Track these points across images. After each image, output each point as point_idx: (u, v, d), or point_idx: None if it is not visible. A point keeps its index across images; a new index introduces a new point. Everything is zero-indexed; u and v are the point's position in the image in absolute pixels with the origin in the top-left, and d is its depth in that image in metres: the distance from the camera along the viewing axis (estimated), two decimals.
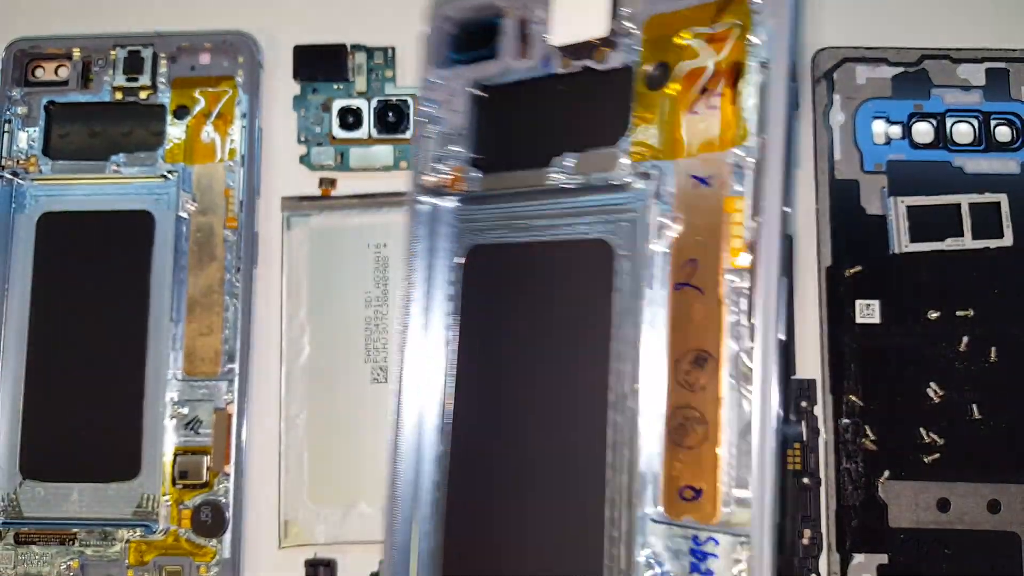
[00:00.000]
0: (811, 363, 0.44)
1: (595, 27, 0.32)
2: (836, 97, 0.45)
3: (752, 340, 0.28)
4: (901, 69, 0.45)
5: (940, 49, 0.45)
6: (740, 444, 0.28)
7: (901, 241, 0.44)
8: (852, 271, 0.44)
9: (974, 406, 0.43)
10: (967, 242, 0.44)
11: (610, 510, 0.30)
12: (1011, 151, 0.45)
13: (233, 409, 0.41)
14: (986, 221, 0.44)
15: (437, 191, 0.38)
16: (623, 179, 0.32)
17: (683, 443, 0.29)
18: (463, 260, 0.37)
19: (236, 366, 0.42)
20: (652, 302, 0.30)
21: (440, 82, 0.37)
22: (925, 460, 0.43)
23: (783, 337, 0.28)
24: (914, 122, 0.45)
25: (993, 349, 0.43)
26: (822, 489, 0.43)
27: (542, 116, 0.35)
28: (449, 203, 0.38)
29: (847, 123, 0.45)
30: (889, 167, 0.45)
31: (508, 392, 0.35)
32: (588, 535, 0.30)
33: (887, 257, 0.44)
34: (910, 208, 0.44)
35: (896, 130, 0.45)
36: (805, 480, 0.43)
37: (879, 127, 0.45)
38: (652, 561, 0.29)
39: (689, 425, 0.29)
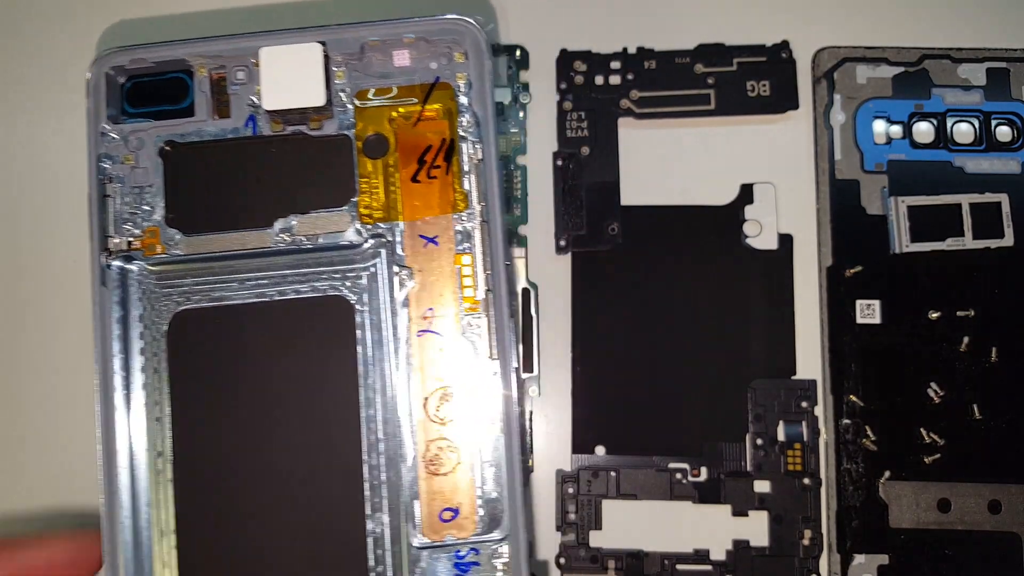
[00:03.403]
0: (811, 363, 0.44)
1: (310, 96, 0.33)
2: (837, 97, 0.45)
3: (491, 373, 0.33)
4: (902, 69, 0.45)
5: (941, 49, 0.45)
6: (488, 462, 0.33)
7: (902, 241, 0.44)
8: (852, 271, 0.44)
9: (975, 406, 0.43)
10: (968, 242, 0.44)
11: (373, 548, 0.32)
12: (1012, 151, 0.45)
13: None
14: (987, 221, 0.44)
15: (127, 254, 0.34)
16: (354, 239, 0.34)
17: (439, 472, 0.32)
18: (166, 328, 0.34)
19: None
20: (396, 351, 0.33)
21: (116, 137, 0.34)
22: (926, 460, 0.43)
23: (517, 365, 0.33)
24: (915, 122, 0.45)
25: (994, 349, 0.43)
26: (822, 490, 0.43)
27: (254, 177, 0.34)
28: (144, 267, 0.35)
29: (847, 123, 0.45)
30: (890, 167, 0.45)
31: (249, 462, 0.34)
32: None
33: (888, 257, 0.44)
34: (911, 208, 0.44)
35: (897, 130, 0.45)
36: (805, 481, 0.43)
37: (880, 127, 0.45)
38: None
39: (443, 454, 0.32)
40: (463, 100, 0.34)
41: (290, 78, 0.33)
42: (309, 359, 0.33)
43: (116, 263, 0.34)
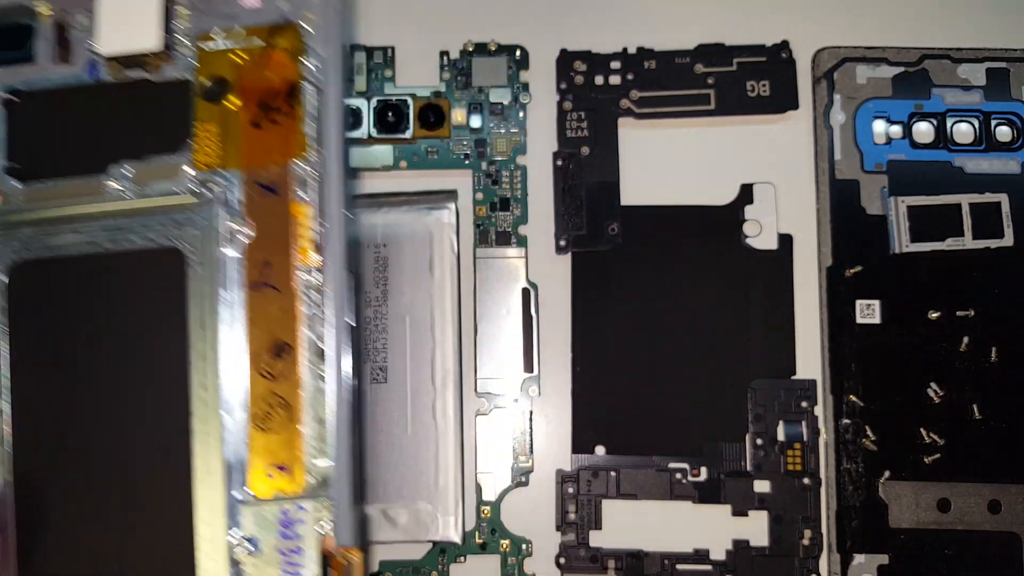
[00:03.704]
0: (811, 363, 0.44)
1: (146, 40, 0.32)
2: (836, 97, 0.45)
3: (325, 330, 0.32)
4: (901, 69, 0.45)
5: (940, 49, 0.45)
6: (320, 420, 0.32)
7: (901, 241, 0.44)
8: (852, 271, 0.44)
9: (974, 406, 0.43)
10: (967, 242, 0.44)
11: (196, 503, 0.32)
12: (1011, 151, 0.45)
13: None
14: (987, 221, 0.44)
15: None
16: (189, 188, 0.33)
17: (268, 428, 0.32)
18: (6, 278, 0.34)
19: None
20: (229, 304, 0.32)
21: None
22: (925, 460, 0.43)
23: (353, 323, 0.32)
24: (914, 122, 0.45)
25: (993, 349, 0.43)
26: (822, 489, 0.43)
27: (93, 124, 0.33)
28: None
29: (847, 123, 0.45)
30: (889, 167, 0.45)
31: (82, 408, 0.33)
32: (179, 528, 0.32)
33: (887, 257, 0.44)
34: (910, 208, 0.44)
35: (896, 130, 0.45)
36: (805, 480, 0.43)
37: (879, 127, 0.45)
38: (244, 539, 0.32)
39: (273, 410, 0.32)
40: (310, 42, 0.32)
41: (127, 21, 0.32)
42: (144, 311, 0.33)
43: None
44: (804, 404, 0.44)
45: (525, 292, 0.45)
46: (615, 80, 0.46)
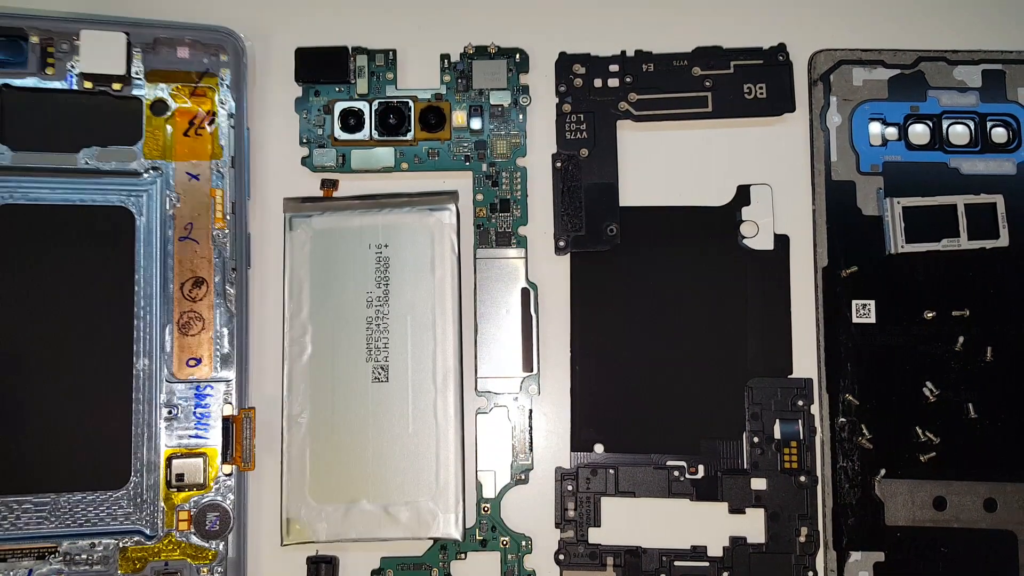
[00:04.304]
0: (808, 362, 0.45)
1: (114, 67, 0.45)
2: (833, 99, 0.46)
3: (230, 271, 0.46)
4: (897, 71, 0.46)
5: (936, 51, 0.46)
6: (224, 331, 0.45)
7: (897, 242, 0.44)
8: (848, 271, 0.44)
9: (970, 405, 0.43)
10: (963, 243, 0.44)
11: (136, 381, 0.45)
12: (1007, 152, 0.45)
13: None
14: (982, 222, 0.44)
15: None
16: (139, 169, 0.46)
17: (188, 333, 0.45)
18: None
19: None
20: (163, 249, 0.46)
21: None
22: (921, 459, 0.43)
23: (249, 267, 0.46)
24: (910, 124, 0.45)
25: (989, 349, 0.44)
26: (819, 487, 0.44)
27: (68, 118, 0.46)
28: None
29: (843, 125, 0.45)
30: (885, 168, 0.45)
31: (36, 316, 0.45)
32: (120, 400, 0.45)
33: (883, 258, 0.44)
34: (906, 209, 0.44)
35: (892, 131, 0.45)
36: (802, 478, 0.44)
37: (875, 128, 0.45)
38: (169, 405, 0.45)
39: (192, 322, 0.45)
40: (224, 85, 0.47)
41: (102, 53, 0.45)
42: (101, 249, 0.46)
43: None
44: (800, 403, 0.44)
45: (525, 292, 0.45)
46: (614, 83, 0.46)
